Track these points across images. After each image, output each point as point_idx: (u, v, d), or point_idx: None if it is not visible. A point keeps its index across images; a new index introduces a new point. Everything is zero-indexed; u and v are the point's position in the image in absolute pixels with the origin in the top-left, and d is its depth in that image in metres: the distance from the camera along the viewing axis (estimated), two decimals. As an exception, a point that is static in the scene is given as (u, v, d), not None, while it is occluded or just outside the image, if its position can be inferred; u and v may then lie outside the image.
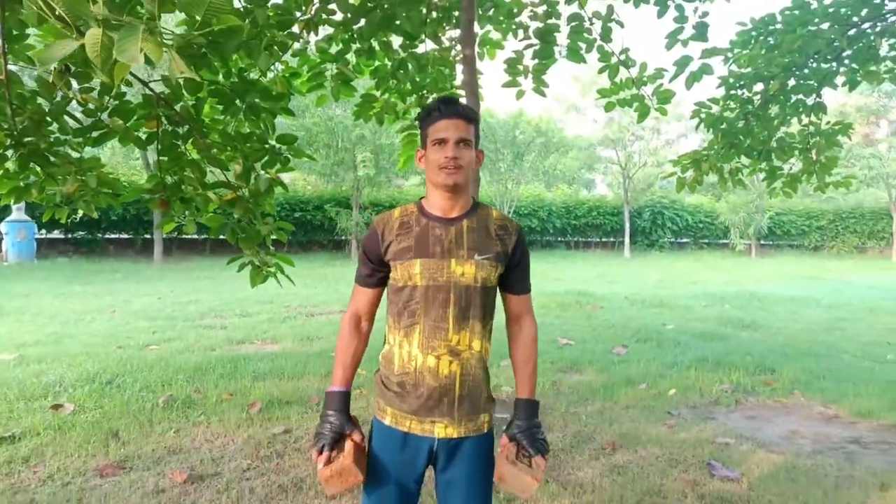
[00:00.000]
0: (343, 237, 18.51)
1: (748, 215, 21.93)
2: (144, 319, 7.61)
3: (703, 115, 5.19)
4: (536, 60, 5.03)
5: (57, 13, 1.30)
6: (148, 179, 3.71)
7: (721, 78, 5.21)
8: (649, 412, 4.46)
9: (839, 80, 5.23)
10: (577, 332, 7.06)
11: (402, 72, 4.89)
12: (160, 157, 3.59)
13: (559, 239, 22.63)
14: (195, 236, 17.52)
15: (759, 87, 5.15)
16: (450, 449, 1.71)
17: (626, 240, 20.95)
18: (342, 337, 1.79)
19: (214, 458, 3.38)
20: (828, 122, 5.41)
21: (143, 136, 3.56)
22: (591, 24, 4.96)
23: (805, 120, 5.37)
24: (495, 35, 5.49)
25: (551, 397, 4.72)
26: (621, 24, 5.01)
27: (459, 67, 4.75)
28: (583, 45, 5.07)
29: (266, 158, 3.84)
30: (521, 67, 5.11)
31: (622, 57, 5.05)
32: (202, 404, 4.22)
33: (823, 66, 5.09)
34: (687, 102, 22.60)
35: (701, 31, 4.93)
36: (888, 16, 5.08)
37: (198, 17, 1.40)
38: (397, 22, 4.31)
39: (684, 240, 23.56)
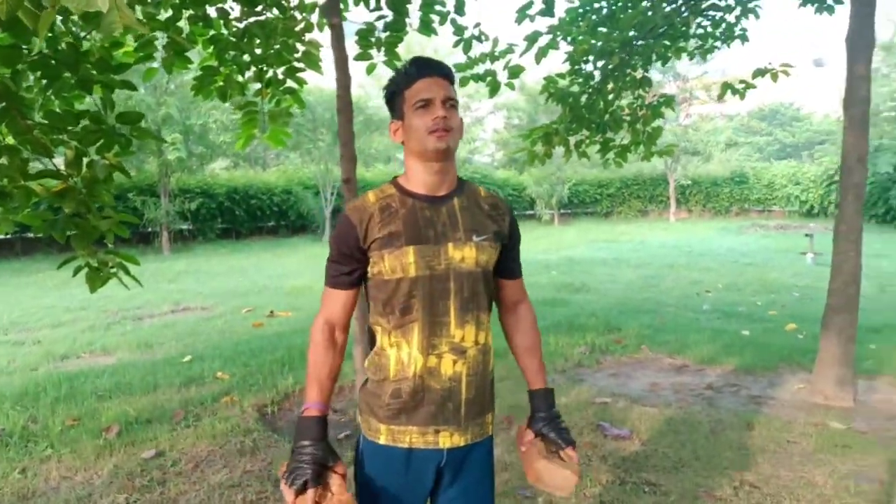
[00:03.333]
0: (152, 229, 16.58)
1: (551, 186, 23.60)
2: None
3: (552, 90, 5.34)
4: (388, 33, 4.84)
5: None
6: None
7: (567, 53, 5.40)
8: (522, 382, 4.54)
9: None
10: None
11: (246, 41, 4.41)
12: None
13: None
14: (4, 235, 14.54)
15: (600, 62, 5.40)
16: (458, 460, 1.50)
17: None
18: (315, 350, 1.48)
19: (81, 497, 2.81)
20: (653, 96, 5.87)
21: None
22: (446, -5, 4.85)
23: (633, 94, 5.76)
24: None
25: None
26: (474, -3, 4.96)
27: (328, 39, 4.39)
28: (436, 18, 4.96)
29: (102, 141, 3.24)
30: (372, 40, 4.88)
31: (476, 31, 5.03)
32: (44, 435, 3.51)
33: (651, 42, 5.47)
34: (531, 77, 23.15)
35: (549, 7, 5.05)
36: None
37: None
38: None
39: (496, 212, 24.67)
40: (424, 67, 1.46)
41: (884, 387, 4.42)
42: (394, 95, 1.49)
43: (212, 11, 4.33)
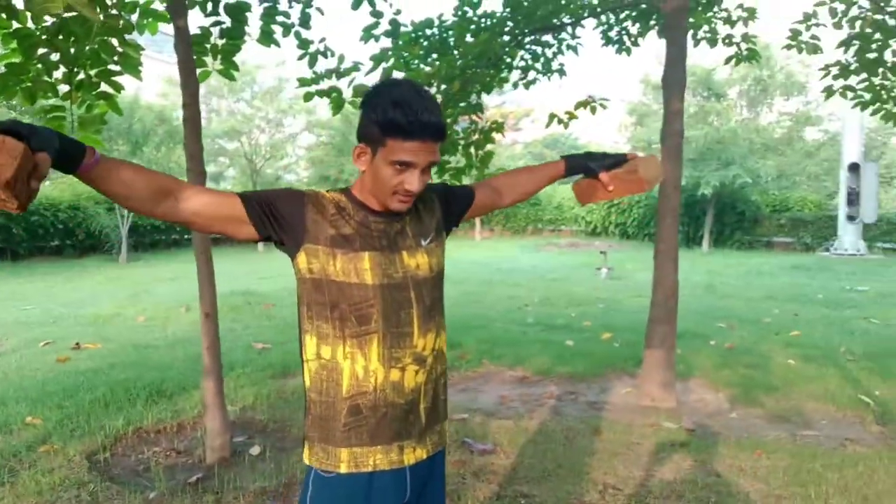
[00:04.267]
0: None
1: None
2: None
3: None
4: (225, 40, 4.55)
5: None
6: None
7: (410, 75, 5.47)
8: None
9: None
10: (266, 334, 6.67)
11: (61, 38, 3.88)
12: None
13: (186, 237, 21.01)
14: None
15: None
16: (420, 476, 1.43)
17: (261, 233, 20.45)
18: (140, 171, 1.23)
19: None
20: (485, 121, 6.16)
21: None
22: (291, 6, 4.69)
23: (469, 119, 6.02)
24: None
25: (281, 408, 4.37)
26: (321, 12, 4.85)
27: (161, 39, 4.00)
28: (278, 29, 4.76)
29: None
30: (207, 46, 4.55)
31: (321, 46, 4.92)
32: None
33: (488, 70, 5.76)
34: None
35: (394, 28, 5.10)
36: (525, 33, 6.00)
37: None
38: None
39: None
40: (422, 129, 1.27)
41: (696, 387, 5.02)
42: (372, 124, 1.30)
43: (18, 2, 3.76)
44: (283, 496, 3.07)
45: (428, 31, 5.93)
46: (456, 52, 5.60)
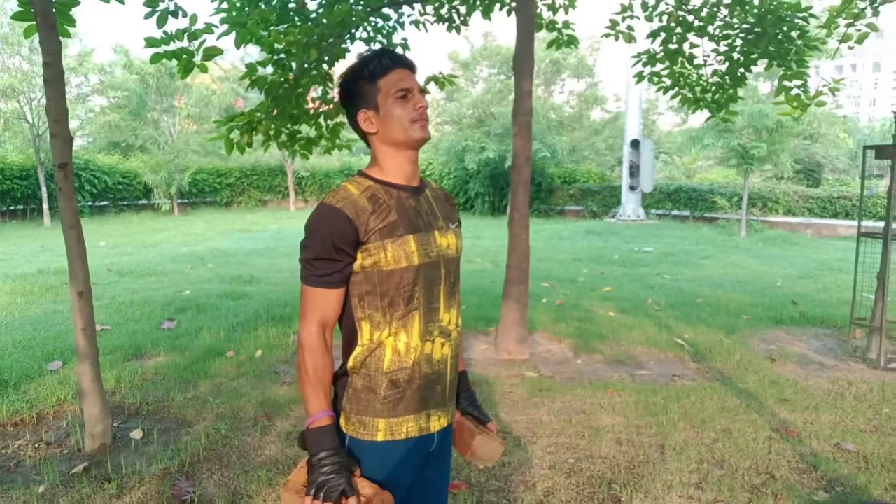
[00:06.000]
0: None
1: (169, 175, 21.93)
2: None
3: (253, 77, 5.18)
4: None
5: None
6: None
7: (265, 41, 5.29)
8: (260, 377, 4.43)
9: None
10: (98, 315, 6.09)
11: None
12: None
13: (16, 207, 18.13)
14: None
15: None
16: (440, 443, 1.57)
17: (45, 206, 18.05)
18: (314, 357, 1.41)
19: None
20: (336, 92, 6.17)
21: None
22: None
23: (322, 89, 5.98)
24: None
25: (150, 390, 4.13)
26: (172, -34, 4.51)
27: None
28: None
29: None
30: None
31: (171, 5, 4.59)
32: None
33: (343, 40, 5.76)
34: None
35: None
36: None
37: None
38: None
39: (103, 202, 21.87)
40: (398, 60, 1.49)
41: (542, 340, 5.59)
42: (362, 84, 1.48)
43: None
44: (189, 475, 2.98)
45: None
46: (308, 20, 5.53)
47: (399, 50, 6.80)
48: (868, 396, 4.10)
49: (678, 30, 6.25)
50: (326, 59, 5.70)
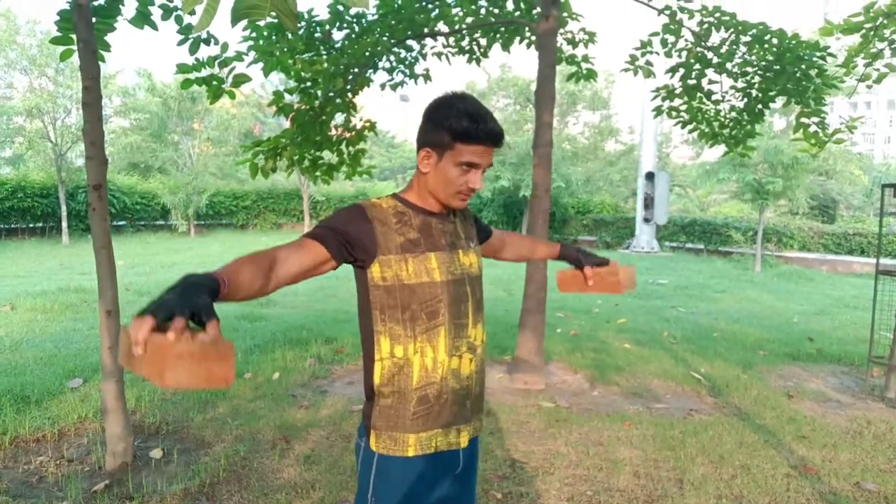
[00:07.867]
0: None
1: (187, 196, 22.21)
2: None
3: (280, 104, 5.31)
4: (96, 18, 4.23)
5: None
6: None
7: (292, 70, 5.42)
8: (277, 400, 4.46)
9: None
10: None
11: None
12: None
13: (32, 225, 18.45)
14: None
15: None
16: (467, 458, 1.60)
17: (64, 225, 18.34)
18: (253, 258, 1.29)
19: None
20: (360, 120, 6.28)
21: None
22: (174, -11, 4.46)
23: (344, 117, 6.09)
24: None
25: (169, 410, 4.17)
26: (206, -3, 4.66)
27: None
28: (157, 11, 4.51)
29: None
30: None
31: (204, 33, 4.73)
32: None
33: (368, 70, 5.88)
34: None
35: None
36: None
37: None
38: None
39: (121, 222, 22.14)
40: (487, 136, 1.46)
41: (557, 370, 5.58)
42: (445, 132, 1.45)
43: None
44: (209, 496, 3.01)
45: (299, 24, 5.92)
46: (334, 50, 5.67)
47: (421, 80, 6.95)
48: (888, 436, 4.07)
49: (697, 66, 6.34)
50: (350, 87, 5.83)
